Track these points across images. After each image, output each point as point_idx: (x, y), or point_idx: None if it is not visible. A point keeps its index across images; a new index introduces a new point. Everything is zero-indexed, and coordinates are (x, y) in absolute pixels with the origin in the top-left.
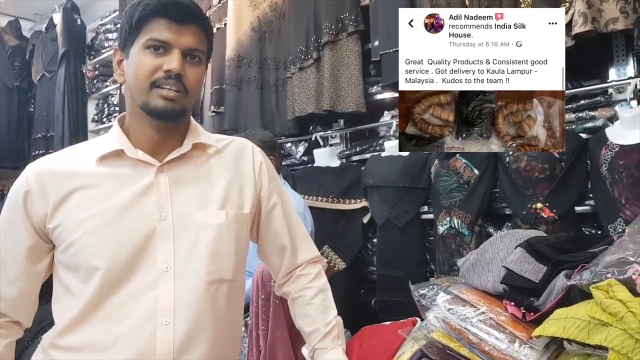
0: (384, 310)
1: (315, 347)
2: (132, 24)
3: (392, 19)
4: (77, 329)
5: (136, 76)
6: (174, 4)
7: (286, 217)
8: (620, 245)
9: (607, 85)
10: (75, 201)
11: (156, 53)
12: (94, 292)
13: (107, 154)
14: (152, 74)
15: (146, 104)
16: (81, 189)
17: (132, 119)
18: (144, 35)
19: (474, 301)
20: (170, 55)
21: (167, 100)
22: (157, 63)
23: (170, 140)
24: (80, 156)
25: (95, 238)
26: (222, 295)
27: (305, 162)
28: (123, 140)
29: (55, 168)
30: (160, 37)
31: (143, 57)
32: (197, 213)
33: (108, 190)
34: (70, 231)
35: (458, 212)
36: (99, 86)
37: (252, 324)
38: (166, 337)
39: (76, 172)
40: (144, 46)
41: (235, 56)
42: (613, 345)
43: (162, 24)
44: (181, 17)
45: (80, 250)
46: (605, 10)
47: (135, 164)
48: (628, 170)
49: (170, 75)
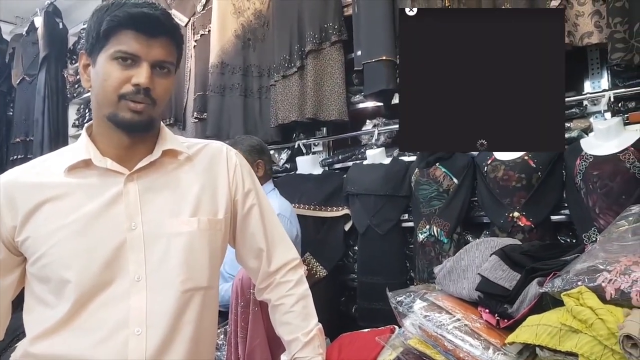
0: (364, 317)
1: (295, 356)
2: (100, 32)
3: (374, 29)
4: (49, 339)
5: (104, 87)
6: (143, 17)
7: (263, 219)
8: (590, 253)
9: (582, 98)
10: (44, 213)
11: (124, 64)
12: (68, 304)
13: (75, 164)
14: (120, 86)
15: (114, 116)
16: (50, 201)
17: (99, 127)
18: (112, 45)
19: (449, 308)
20: (139, 68)
21: (135, 112)
22: (125, 75)
23: (140, 148)
24: (49, 167)
25: (65, 250)
26: (197, 303)
27: (287, 169)
28: (91, 149)
29: (23, 180)
30: (128, 49)
31: (111, 68)
32: (168, 221)
33: (77, 201)
34: (40, 243)
35: (437, 220)
36: (80, 91)
37: (231, 332)
38: (138, 347)
39: (44, 184)
40: (111, 57)
41: (219, 63)
42: (583, 352)
43: (131, 37)
44: (150, 30)
45: (50, 262)
46: (581, 25)
47: (103, 174)
48: (601, 180)
49: (139, 89)
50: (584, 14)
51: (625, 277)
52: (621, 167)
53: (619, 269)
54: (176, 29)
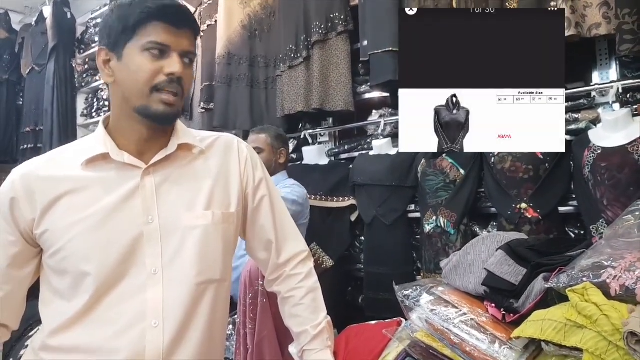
0: (371, 307)
1: (304, 348)
2: (128, 25)
3: (381, 19)
4: (68, 331)
5: (135, 79)
6: (174, 9)
7: (273, 211)
8: (596, 249)
9: (591, 89)
10: (62, 207)
11: (155, 55)
12: (86, 297)
13: (92, 158)
14: (154, 77)
15: (146, 108)
16: (68, 194)
17: (121, 121)
18: (142, 37)
19: (456, 302)
20: (170, 59)
21: (167, 105)
22: (157, 66)
23: (158, 142)
24: (66, 160)
25: (83, 243)
26: (211, 295)
27: (294, 159)
28: (108, 143)
29: (41, 173)
30: (160, 40)
31: (142, 60)
32: (183, 215)
33: (94, 195)
34: (58, 237)
35: (444, 211)
36: (88, 80)
37: (239, 322)
38: (156, 339)
39: (62, 177)
40: (142, 48)
41: (226, 53)
42: (588, 347)
43: (160, 28)
44: (178, 21)
45: (69, 255)
46: (589, 16)
47: (121, 167)
48: (610, 172)
49: (172, 78)
50: (592, 5)
51: (630, 274)
52: (629, 158)
53: (623, 265)
54: (196, 21)
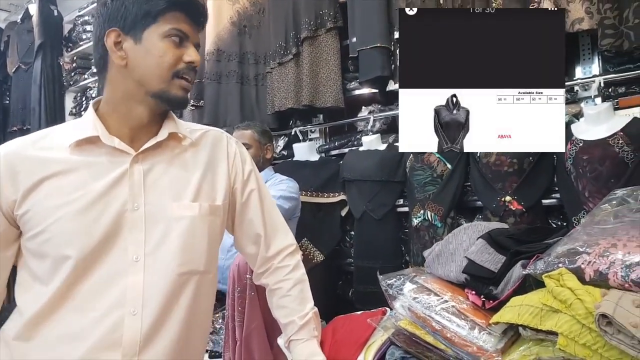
0: (360, 300)
1: (291, 338)
2: (151, 11)
3: (369, 15)
4: (46, 318)
5: (158, 64)
6: (197, 3)
7: (262, 205)
8: (572, 236)
9: (573, 83)
10: (46, 188)
11: (176, 43)
12: (63, 280)
13: (81, 140)
14: (176, 63)
15: (165, 92)
16: (53, 177)
17: (120, 105)
18: (165, 24)
19: (437, 290)
20: (188, 48)
21: (185, 90)
22: (179, 53)
23: (151, 129)
24: (52, 141)
25: (66, 226)
26: (193, 287)
27: (285, 156)
28: (99, 126)
29: (27, 153)
30: (183, 29)
31: (165, 46)
32: (170, 205)
33: (81, 179)
34: (40, 218)
35: (431, 205)
36: (76, 79)
37: (228, 316)
38: (133, 326)
39: (48, 159)
40: (165, 34)
41: (215, 50)
42: (562, 330)
43: (181, 18)
44: (197, 15)
45: (50, 238)
46: (572, 11)
47: (110, 152)
48: (591, 164)
49: (192, 67)
50: (574, 0)
51: (604, 259)
52: (610, 151)
53: (598, 251)
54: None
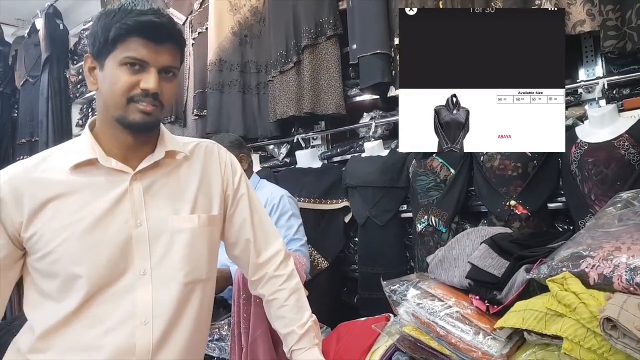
0: (366, 307)
1: (292, 348)
2: (108, 38)
3: (369, 22)
4: (59, 332)
5: (113, 91)
6: (152, 25)
7: (251, 210)
8: (575, 240)
9: (577, 85)
10: (51, 210)
11: (133, 69)
12: (79, 297)
13: (80, 163)
14: (129, 90)
15: (123, 118)
16: (56, 198)
17: (105, 127)
18: (121, 51)
19: (441, 295)
20: (147, 74)
21: (145, 114)
22: (134, 80)
23: (142, 148)
24: (53, 164)
25: (73, 246)
26: (198, 294)
27: (287, 163)
28: (96, 148)
29: (30, 176)
30: (137, 55)
31: (120, 73)
32: (170, 218)
33: (83, 199)
34: (47, 240)
35: (435, 210)
36: (82, 91)
37: (234, 323)
38: (145, 336)
39: (50, 181)
40: (120, 62)
41: (217, 60)
42: (567, 335)
43: (139, 43)
44: (158, 37)
45: (59, 258)
46: (573, 13)
47: (109, 173)
48: (596, 167)
49: (147, 93)
50: (576, 2)
51: (608, 263)
52: (615, 153)
53: (601, 254)
54: (180, 34)
